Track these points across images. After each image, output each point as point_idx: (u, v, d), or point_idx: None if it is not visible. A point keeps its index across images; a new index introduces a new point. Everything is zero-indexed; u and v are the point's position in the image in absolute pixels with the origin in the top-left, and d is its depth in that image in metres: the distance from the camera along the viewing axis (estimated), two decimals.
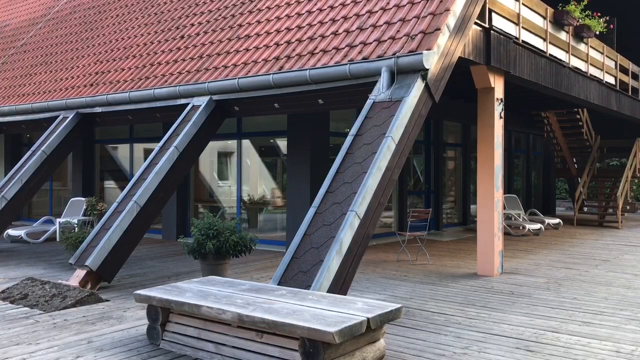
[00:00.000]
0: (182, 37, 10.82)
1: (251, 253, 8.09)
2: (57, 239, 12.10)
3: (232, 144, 12.60)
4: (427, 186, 15.16)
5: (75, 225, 11.58)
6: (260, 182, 12.94)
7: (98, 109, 10.64)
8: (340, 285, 5.52)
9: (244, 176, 12.51)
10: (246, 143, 12.49)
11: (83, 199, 12.85)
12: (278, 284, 5.51)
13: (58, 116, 11.20)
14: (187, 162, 8.80)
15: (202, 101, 8.96)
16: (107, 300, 6.93)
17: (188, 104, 9.19)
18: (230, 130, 12.03)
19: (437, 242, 12.70)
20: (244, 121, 12.20)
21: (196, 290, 5.11)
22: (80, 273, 7.47)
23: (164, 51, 10.78)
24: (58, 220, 12.57)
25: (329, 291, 5.29)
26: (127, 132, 14.25)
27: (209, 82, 8.92)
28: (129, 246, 7.97)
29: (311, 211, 6.05)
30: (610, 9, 13.94)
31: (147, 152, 13.93)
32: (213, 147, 12.88)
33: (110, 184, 15.27)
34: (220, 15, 10.69)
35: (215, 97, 8.91)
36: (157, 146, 8.75)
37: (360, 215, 5.78)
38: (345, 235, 5.60)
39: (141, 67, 10.75)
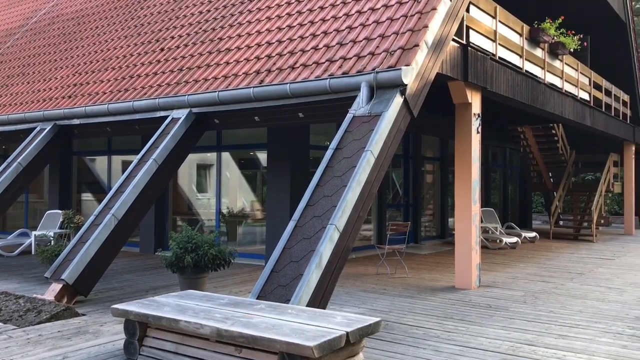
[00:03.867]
0: (162, 49, 10.81)
1: (230, 266, 8.07)
2: (33, 252, 11.90)
3: (211, 156, 12.57)
4: (405, 199, 15.27)
5: (52, 238, 11.42)
6: (239, 195, 12.91)
7: (76, 121, 10.55)
8: (319, 299, 5.53)
9: (223, 189, 12.48)
10: (226, 156, 12.46)
11: (60, 211, 12.69)
12: (257, 298, 5.50)
13: (35, 128, 11.08)
14: (165, 175, 8.76)
15: (181, 114, 8.95)
16: (83, 315, 6.83)
17: (167, 116, 9.17)
18: (209, 143, 12.00)
19: (416, 255, 12.78)
20: (224, 134, 12.19)
21: (174, 305, 5.08)
22: (56, 287, 7.37)
23: (143, 63, 10.75)
24: (33, 233, 12.39)
25: (308, 305, 5.29)
26: (106, 144, 14.13)
27: (189, 94, 8.91)
28: (106, 259, 7.89)
29: (291, 224, 6.06)
30: (583, 27, 14.25)
31: (125, 165, 13.82)
32: (192, 159, 12.84)
33: (87, 196, 15.10)
34: (200, 28, 10.71)
35: (195, 110, 8.91)
36: (135, 158, 8.70)
37: (340, 229, 5.81)
38: (325, 249, 5.62)
39: (120, 79, 10.71)
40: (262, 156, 12.02)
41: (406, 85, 6.84)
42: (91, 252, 7.59)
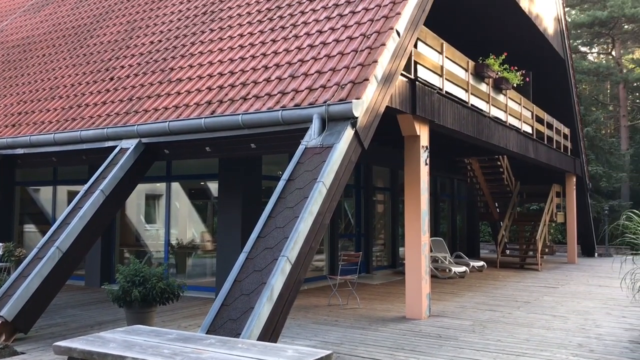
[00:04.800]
0: (112, 78, 10.67)
1: (179, 300, 7.90)
2: None
3: (160, 186, 12.38)
4: (357, 229, 15.37)
5: None
6: (189, 226, 12.72)
7: (20, 151, 10.24)
8: (270, 333, 5.47)
9: (173, 220, 12.27)
10: (175, 186, 12.30)
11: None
12: (207, 333, 5.40)
13: None
14: (113, 206, 8.56)
15: (130, 144, 8.81)
16: (22, 353, 6.54)
17: (116, 146, 9.00)
18: (159, 173, 11.84)
19: (368, 285, 12.82)
20: (174, 164, 12.05)
21: (120, 341, 4.92)
22: None
23: (92, 92, 10.57)
24: None
25: (259, 339, 5.23)
26: (51, 174, 13.73)
27: (138, 124, 8.80)
28: (49, 294, 7.59)
29: (242, 257, 6.00)
30: (526, 63, 14.90)
31: (71, 195, 13.44)
32: (141, 189, 12.61)
33: (30, 228, 14.56)
34: (151, 58, 10.64)
35: (144, 140, 8.78)
36: (82, 189, 8.48)
37: (291, 261, 5.79)
38: (277, 281, 5.58)
39: (68, 108, 10.49)
40: (213, 186, 11.92)
41: (357, 117, 6.96)
42: (33, 287, 7.29)
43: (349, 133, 6.88)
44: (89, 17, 14.25)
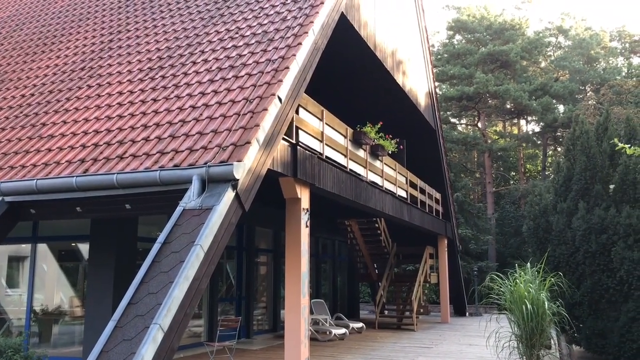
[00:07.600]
0: None
1: None
2: None
3: (26, 247, 11.47)
4: (239, 292, 15.07)
5: None
6: (57, 290, 11.82)
7: None
8: None
9: (38, 283, 11.35)
10: (42, 247, 11.47)
11: None
12: None
13: None
14: None
15: None
16: None
17: None
18: (24, 234, 11.00)
19: (247, 351, 12.50)
20: (41, 224, 11.28)
21: None
22: None
23: None
24: None
25: None
26: None
27: (2, 182, 8.18)
28: None
29: (110, 325, 5.66)
30: (401, 132, 15.79)
31: None
32: (3, 251, 11.62)
33: None
34: (22, 112, 10.07)
35: (8, 199, 8.17)
36: None
37: (164, 328, 5.54)
38: (147, 351, 5.30)
39: None
40: (85, 248, 11.24)
41: (238, 179, 6.96)
42: None
43: (229, 195, 6.85)
44: None
